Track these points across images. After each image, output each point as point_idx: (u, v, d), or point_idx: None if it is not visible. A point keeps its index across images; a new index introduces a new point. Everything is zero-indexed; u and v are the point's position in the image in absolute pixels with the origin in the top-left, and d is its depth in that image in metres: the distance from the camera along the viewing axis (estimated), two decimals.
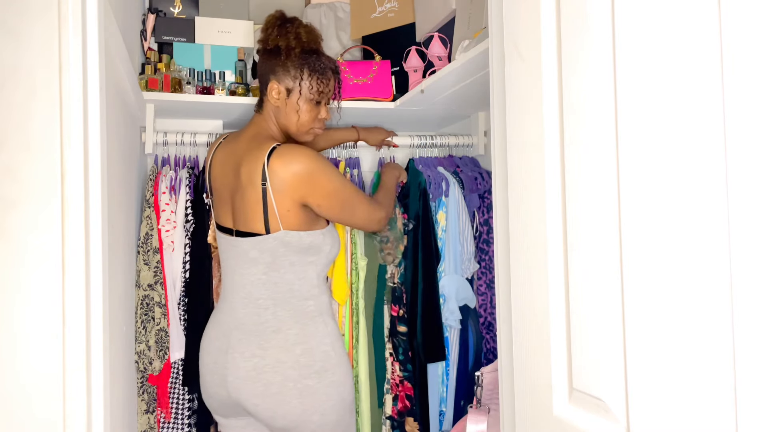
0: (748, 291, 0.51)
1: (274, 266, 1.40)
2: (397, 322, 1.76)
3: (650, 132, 0.60)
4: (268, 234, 1.38)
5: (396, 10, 1.97)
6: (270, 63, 1.48)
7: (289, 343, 1.38)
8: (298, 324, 1.40)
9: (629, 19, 0.62)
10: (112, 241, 1.10)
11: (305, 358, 1.38)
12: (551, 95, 0.75)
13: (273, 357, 1.37)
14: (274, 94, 1.48)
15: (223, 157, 1.50)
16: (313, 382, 1.37)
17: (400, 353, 1.75)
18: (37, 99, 0.79)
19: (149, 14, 1.85)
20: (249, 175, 1.38)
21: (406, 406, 1.75)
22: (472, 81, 1.53)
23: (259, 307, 1.40)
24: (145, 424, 1.64)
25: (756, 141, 0.50)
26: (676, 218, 0.57)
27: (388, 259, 1.75)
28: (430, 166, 1.85)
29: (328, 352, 1.41)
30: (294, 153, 1.38)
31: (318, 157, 1.39)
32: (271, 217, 1.37)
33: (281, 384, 1.36)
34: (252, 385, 1.37)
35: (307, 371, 1.37)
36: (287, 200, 1.36)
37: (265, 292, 1.40)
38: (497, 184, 0.92)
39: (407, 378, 1.74)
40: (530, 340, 0.80)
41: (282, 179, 1.36)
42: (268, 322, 1.40)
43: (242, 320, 1.41)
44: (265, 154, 1.37)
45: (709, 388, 0.54)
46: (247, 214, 1.40)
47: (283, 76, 1.47)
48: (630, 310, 0.63)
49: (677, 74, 0.57)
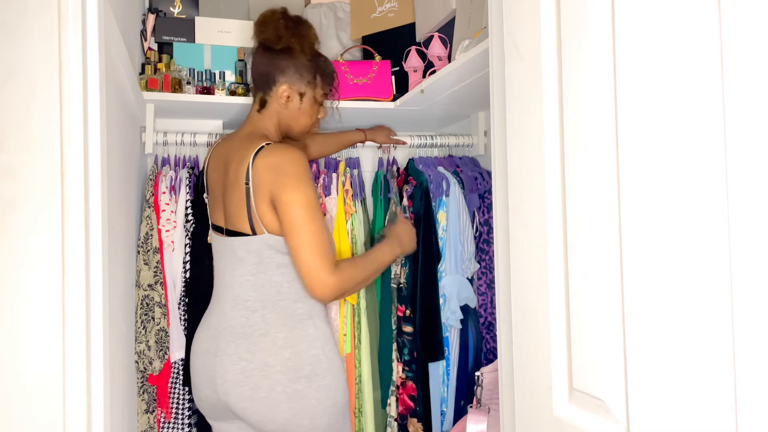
0: (749, 291, 0.51)
1: (261, 267, 1.37)
2: (402, 322, 1.76)
3: (650, 132, 0.60)
4: (254, 235, 1.35)
5: (396, 10, 1.97)
6: (279, 63, 1.45)
7: (276, 346, 1.35)
8: (286, 327, 1.36)
9: (629, 19, 0.62)
10: (112, 241, 1.10)
11: (293, 362, 1.34)
12: (551, 95, 0.75)
13: (260, 360, 1.34)
14: (284, 96, 1.45)
15: (217, 157, 1.50)
16: (302, 386, 1.34)
17: (405, 353, 1.75)
18: (37, 99, 0.79)
19: (149, 14, 1.85)
20: (236, 174, 1.37)
21: (408, 407, 1.74)
22: (472, 81, 1.53)
23: (247, 309, 1.37)
24: (145, 424, 1.64)
25: (756, 141, 0.50)
26: (677, 218, 0.57)
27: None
28: (430, 166, 1.85)
29: (318, 356, 1.37)
30: (277, 149, 1.34)
31: (300, 160, 1.33)
32: (254, 218, 1.34)
33: (269, 388, 1.33)
34: (240, 389, 1.34)
35: (295, 375, 1.34)
36: (262, 201, 1.32)
37: (253, 293, 1.37)
38: (497, 184, 0.92)
39: (411, 378, 1.74)
40: (530, 340, 0.80)
41: (257, 174, 1.32)
42: (256, 325, 1.36)
43: (230, 322, 1.38)
44: (252, 153, 1.34)
45: (709, 388, 0.54)
46: (233, 214, 1.38)
47: (297, 78, 1.46)
48: (630, 310, 0.62)
49: (677, 74, 0.57)
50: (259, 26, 1.48)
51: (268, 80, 1.47)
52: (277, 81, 1.45)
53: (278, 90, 1.46)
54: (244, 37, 1.93)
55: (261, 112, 1.49)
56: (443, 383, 1.78)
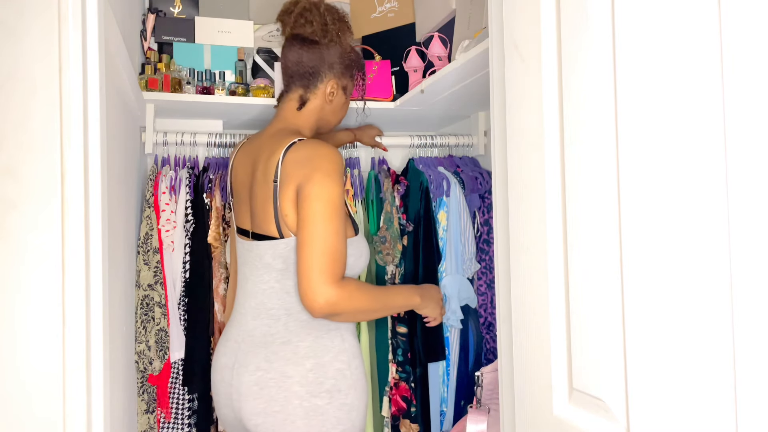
0: (749, 290, 0.51)
1: (288, 273, 1.25)
2: (396, 323, 1.76)
3: (650, 132, 0.60)
4: (282, 238, 1.24)
5: (396, 10, 1.97)
6: (326, 57, 1.37)
7: (298, 356, 1.22)
8: (310, 336, 1.24)
9: (629, 19, 0.62)
10: (112, 241, 1.10)
11: (315, 374, 1.22)
12: (551, 95, 0.75)
13: (278, 370, 1.22)
14: (330, 91, 1.38)
15: (244, 157, 1.40)
16: (322, 402, 1.21)
17: (398, 354, 1.74)
18: (37, 99, 0.79)
19: (149, 14, 1.85)
20: (264, 171, 1.27)
21: (401, 408, 1.74)
22: (472, 81, 1.53)
23: (271, 318, 1.26)
24: (145, 424, 1.65)
25: (756, 141, 0.50)
26: (677, 218, 0.57)
27: (387, 260, 1.75)
28: (431, 166, 1.85)
29: (342, 371, 1.24)
30: (312, 143, 1.25)
31: (335, 158, 1.23)
32: (280, 219, 1.23)
33: (285, 401, 1.20)
34: (253, 402, 1.22)
35: (316, 389, 1.21)
36: (286, 198, 1.21)
37: (277, 301, 1.26)
38: (497, 184, 0.92)
39: (404, 379, 1.74)
40: (530, 340, 0.80)
41: (285, 169, 1.21)
42: (278, 333, 1.25)
43: (252, 332, 1.27)
44: (283, 148, 1.24)
45: (710, 388, 0.54)
46: (260, 215, 1.28)
47: (342, 73, 1.40)
48: (630, 309, 0.62)
49: (677, 74, 0.57)
50: (297, 18, 1.39)
51: (313, 76, 1.38)
52: (325, 76, 1.38)
53: (326, 86, 1.38)
54: (244, 37, 1.93)
55: (300, 110, 1.39)
56: (443, 383, 1.78)
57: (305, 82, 1.38)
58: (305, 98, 1.39)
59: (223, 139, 1.82)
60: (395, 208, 1.78)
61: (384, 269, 1.80)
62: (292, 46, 1.39)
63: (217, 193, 1.74)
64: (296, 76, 1.39)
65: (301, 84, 1.39)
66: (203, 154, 1.91)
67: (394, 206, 1.78)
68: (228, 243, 1.75)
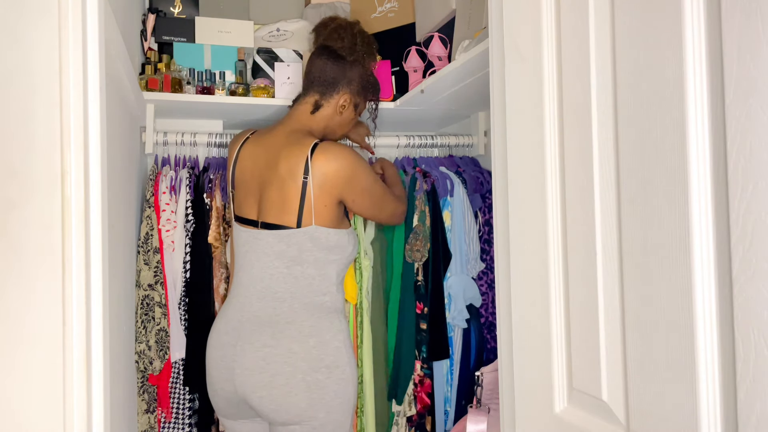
0: (749, 291, 0.51)
1: (299, 260, 1.40)
2: (419, 320, 1.75)
3: (650, 132, 0.60)
4: (299, 228, 1.39)
5: (396, 10, 1.97)
6: (348, 73, 1.51)
7: (302, 334, 1.38)
8: (313, 317, 1.40)
9: (629, 19, 0.62)
10: (112, 241, 1.10)
11: (318, 351, 1.37)
12: (551, 95, 0.75)
13: (285, 347, 1.36)
14: (342, 103, 1.52)
15: (255, 150, 1.51)
16: (322, 376, 1.36)
17: (423, 351, 1.74)
18: (37, 99, 0.79)
19: (149, 14, 1.85)
20: (290, 168, 1.39)
21: (425, 405, 1.75)
22: (472, 81, 1.53)
23: (276, 300, 1.41)
24: (146, 424, 1.65)
25: (756, 141, 0.50)
26: (677, 218, 0.57)
27: (416, 256, 1.74)
28: (433, 166, 1.85)
29: (339, 348, 1.40)
30: (338, 150, 1.41)
31: (358, 156, 1.43)
32: (305, 211, 1.38)
33: (290, 375, 1.35)
34: (258, 376, 1.36)
35: (317, 364, 1.36)
36: (326, 196, 1.39)
37: (284, 285, 1.41)
38: (497, 184, 0.92)
39: (428, 376, 1.74)
40: (530, 340, 0.80)
41: (324, 174, 1.38)
42: (283, 314, 1.40)
43: (256, 313, 1.41)
44: (308, 149, 1.39)
45: (709, 388, 0.54)
46: (279, 207, 1.40)
47: (358, 92, 1.54)
48: (630, 309, 0.62)
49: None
50: (332, 32, 1.54)
51: (331, 86, 1.51)
52: (341, 89, 1.51)
53: (340, 98, 1.52)
54: (244, 37, 1.93)
55: (314, 114, 1.53)
56: (447, 383, 1.78)
57: (322, 89, 1.52)
58: (320, 104, 1.52)
59: (223, 139, 1.82)
60: (428, 207, 1.77)
61: (389, 267, 1.79)
62: (320, 55, 1.54)
63: (218, 193, 1.74)
64: (316, 82, 1.53)
65: (318, 90, 1.53)
66: (203, 154, 1.91)
67: (427, 205, 1.78)
68: (228, 243, 1.75)
